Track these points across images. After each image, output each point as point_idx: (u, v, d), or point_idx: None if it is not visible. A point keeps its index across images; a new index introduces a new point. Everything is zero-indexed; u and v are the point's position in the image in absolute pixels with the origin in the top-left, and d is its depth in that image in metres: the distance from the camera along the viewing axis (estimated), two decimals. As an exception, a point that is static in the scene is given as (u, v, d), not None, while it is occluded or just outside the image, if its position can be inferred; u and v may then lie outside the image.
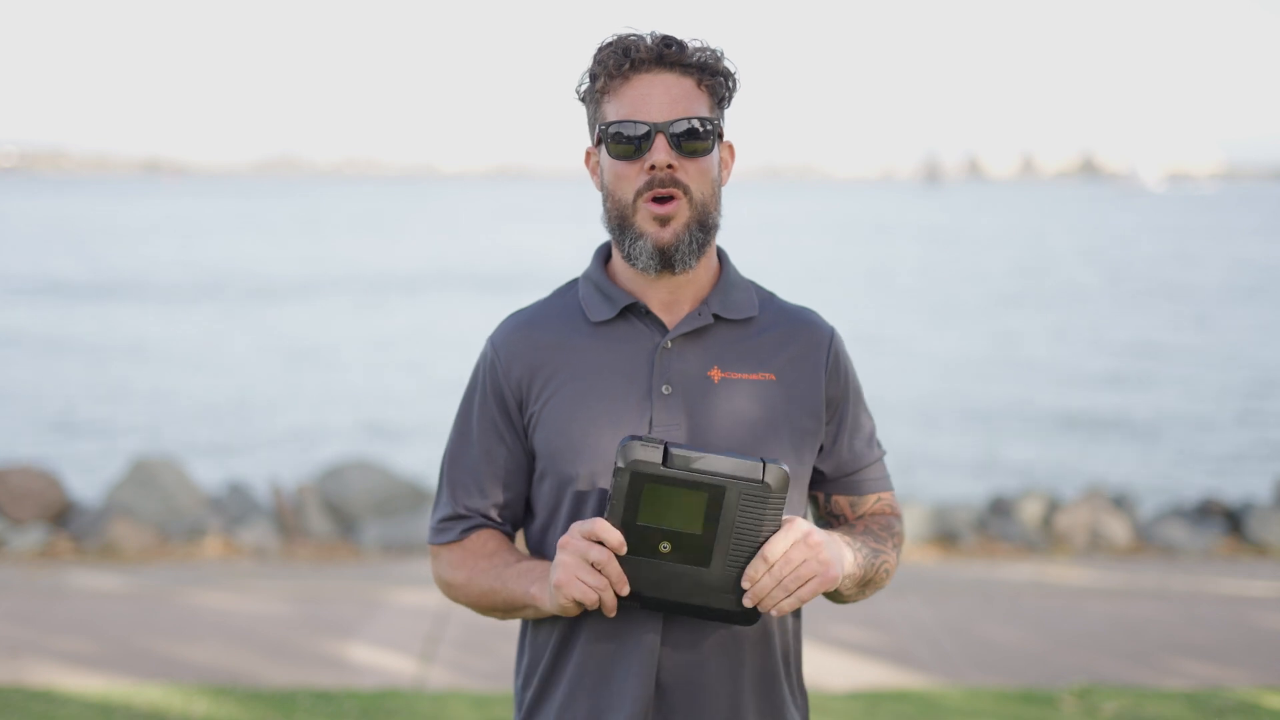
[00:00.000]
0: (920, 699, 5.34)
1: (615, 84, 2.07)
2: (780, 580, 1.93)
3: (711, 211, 2.09)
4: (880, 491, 2.23)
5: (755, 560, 1.92)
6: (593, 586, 1.93)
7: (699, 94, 2.07)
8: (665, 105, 2.05)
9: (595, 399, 2.10)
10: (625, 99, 2.06)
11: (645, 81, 2.06)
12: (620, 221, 2.08)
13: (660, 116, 2.04)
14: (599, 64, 2.08)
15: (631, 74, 2.06)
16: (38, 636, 6.07)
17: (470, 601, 2.19)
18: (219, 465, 13.19)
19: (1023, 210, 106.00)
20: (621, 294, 2.13)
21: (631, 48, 2.06)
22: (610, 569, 1.92)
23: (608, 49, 2.08)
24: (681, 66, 2.06)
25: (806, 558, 1.93)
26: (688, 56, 2.06)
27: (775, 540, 1.92)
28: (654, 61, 2.06)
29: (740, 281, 2.19)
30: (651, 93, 2.05)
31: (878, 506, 2.23)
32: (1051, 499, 8.86)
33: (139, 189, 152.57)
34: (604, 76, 2.08)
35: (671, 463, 1.86)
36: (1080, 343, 24.47)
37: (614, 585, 1.93)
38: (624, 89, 2.07)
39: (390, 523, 8.33)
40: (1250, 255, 50.77)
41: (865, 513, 2.23)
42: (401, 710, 5.19)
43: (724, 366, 2.12)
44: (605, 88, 2.08)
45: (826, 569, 1.95)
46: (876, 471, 2.23)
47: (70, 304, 29.98)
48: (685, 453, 1.86)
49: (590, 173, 2.17)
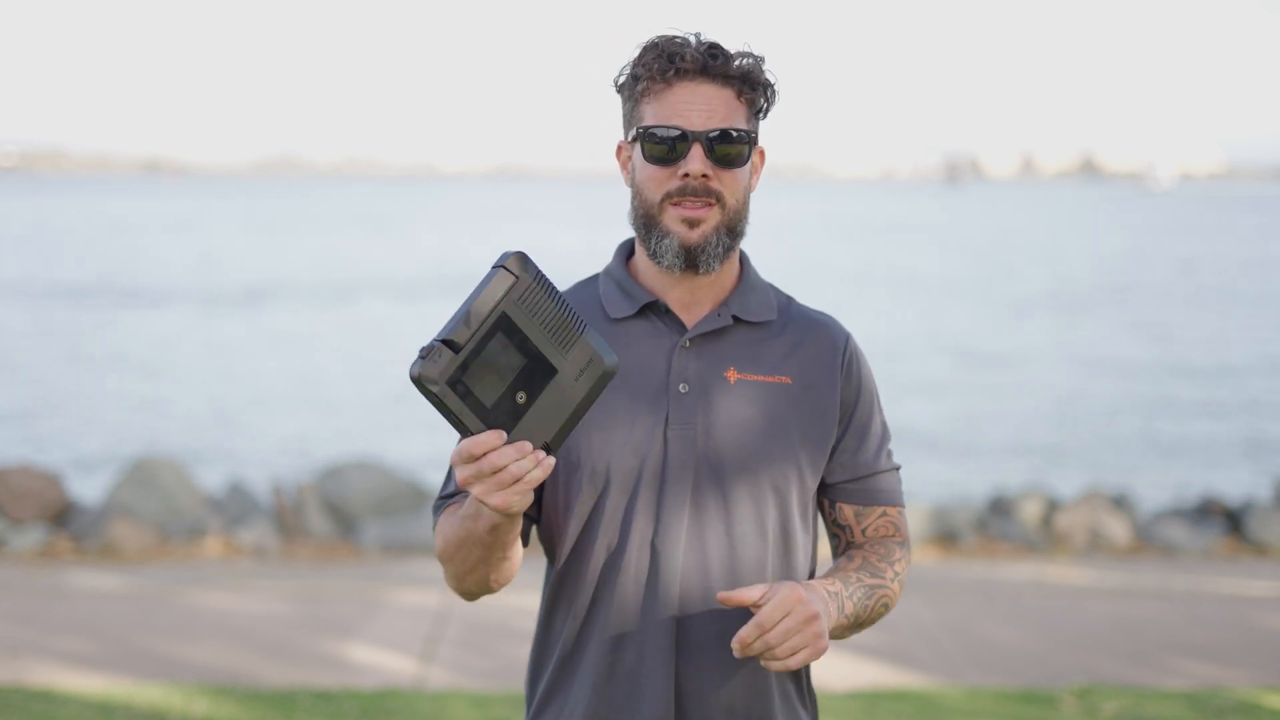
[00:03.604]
0: (920, 699, 5.34)
1: (657, 87, 2.08)
2: (771, 648, 1.93)
3: (741, 219, 2.11)
4: (888, 505, 2.21)
5: (749, 626, 1.92)
6: (511, 489, 1.81)
7: (738, 105, 2.09)
8: (704, 114, 2.06)
9: (612, 395, 2.10)
10: (665, 103, 2.07)
11: (687, 89, 2.07)
12: (647, 220, 2.10)
13: (699, 125, 2.06)
14: (643, 65, 2.09)
15: (674, 80, 2.07)
16: (38, 636, 6.07)
17: (454, 563, 2.07)
18: (219, 465, 13.19)
19: (1048, 211, 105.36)
20: (642, 291, 2.15)
21: (677, 55, 2.07)
22: (503, 459, 1.79)
23: (653, 51, 2.08)
24: (724, 77, 2.08)
25: (801, 630, 1.93)
26: (731, 68, 2.08)
27: (771, 608, 1.91)
28: (698, 71, 2.07)
29: (760, 284, 2.20)
30: (693, 100, 2.06)
31: (882, 523, 2.21)
32: (1051, 499, 8.86)
33: (139, 189, 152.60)
34: (646, 79, 2.09)
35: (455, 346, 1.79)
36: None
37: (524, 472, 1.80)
38: (665, 93, 2.08)
39: (390, 523, 8.33)
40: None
41: (870, 528, 2.21)
42: (401, 710, 5.19)
43: (740, 368, 2.13)
44: (647, 90, 2.09)
45: (817, 641, 1.95)
46: (886, 483, 2.22)
47: (70, 305, 29.99)
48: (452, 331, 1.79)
49: (620, 167, 2.18)
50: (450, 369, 1.79)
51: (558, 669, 2.15)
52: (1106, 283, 37.81)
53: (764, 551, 2.11)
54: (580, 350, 1.86)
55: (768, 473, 2.11)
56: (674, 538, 2.08)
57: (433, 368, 1.79)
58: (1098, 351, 23.46)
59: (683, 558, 2.08)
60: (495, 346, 1.81)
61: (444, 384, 1.79)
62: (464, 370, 1.80)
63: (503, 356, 1.82)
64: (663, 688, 2.07)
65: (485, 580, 2.06)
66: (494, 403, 1.83)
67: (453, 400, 1.81)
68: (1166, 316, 29.30)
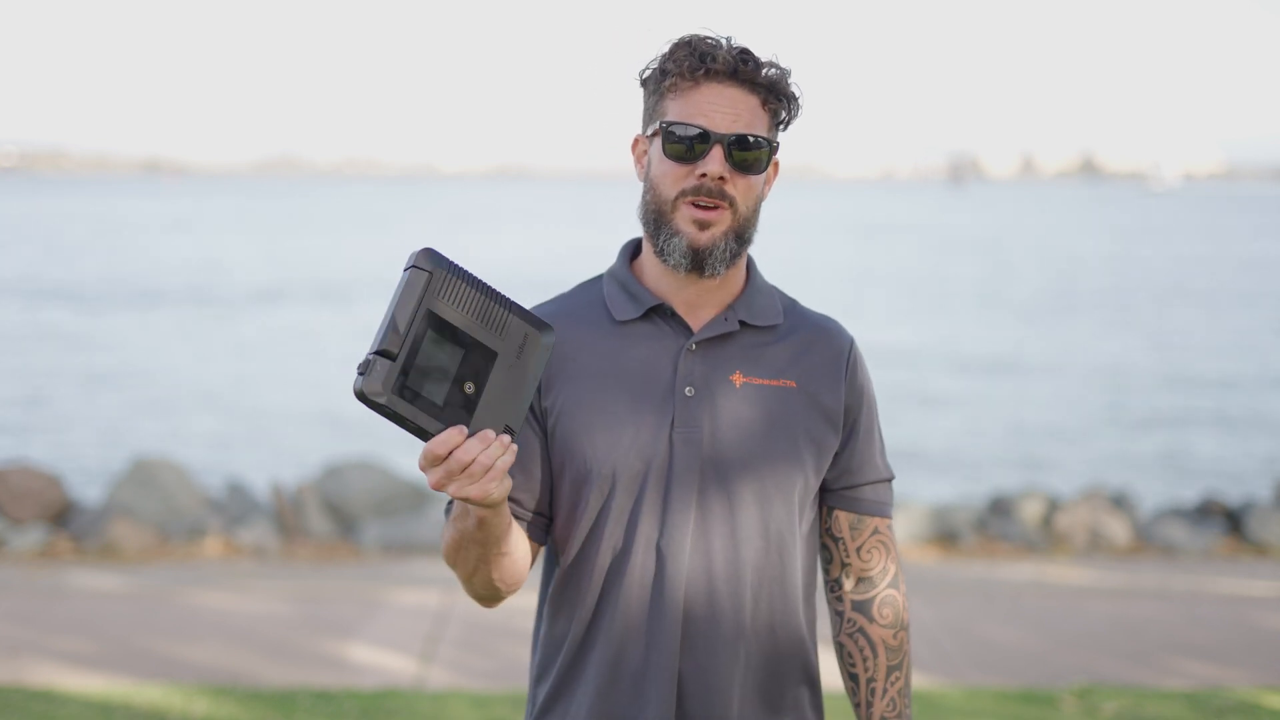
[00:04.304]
0: (920, 699, 5.34)
1: (684, 85, 2.09)
2: None
3: (750, 226, 2.12)
4: (880, 517, 2.23)
5: None
6: (485, 479, 1.81)
7: (762, 113, 2.09)
8: (728, 118, 2.07)
9: (617, 397, 2.10)
10: (691, 102, 2.08)
11: (714, 91, 2.08)
12: (658, 216, 2.10)
13: (721, 128, 2.06)
14: (673, 61, 2.09)
15: (703, 80, 2.08)
16: (38, 636, 6.07)
17: (458, 566, 2.07)
18: (219, 465, 13.19)
19: (1056, 211, 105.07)
20: (647, 294, 2.14)
21: (708, 55, 2.07)
22: (468, 454, 1.79)
23: (685, 48, 2.09)
24: (752, 84, 2.09)
25: None
26: (760, 75, 2.09)
27: None
28: (728, 74, 2.08)
29: (766, 288, 2.20)
30: (718, 102, 2.07)
31: (874, 541, 2.22)
32: (1051, 499, 8.86)
33: (139, 189, 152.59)
34: (675, 76, 2.09)
35: (390, 355, 1.77)
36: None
37: (493, 460, 1.81)
38: (692, 92, 2.08)
39: (390, 523, 8.33)
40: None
41: (863, 548, 2.22)
42: (401, 710, 5.19)
43: (746, 372, 2.13)
44: (674, 86, 2.09)
45: None
46: (881, 493, 2.23)
47: (70, 305, 29.99)
48: (384, 341, 1.77)
49: (635, 160, 2.18)
50: (392, 377, 1.77)
51: (563, 670, 2.14)
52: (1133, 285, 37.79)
53: (767, 554, 2.11)
54: (514, 328, 1.86)
55: (772, 476, 2.11)
56: (679, 541, 2.08)
57: (375, 381, 1.77)
58: (1113, 355, 23.46)
59: (688, 561, 2.08)
60: (429, 345, 1.80)
61: (390, 394, 1.77)
62: (405, 375, 1.78)
63: (440, 353, 1.81)
64: (667, 690, 2.07)
65: (490, 581, 2.05)
66: (444, 400, 1.81)
67: (404, 407, 1.79)
68: (1196, 318, 29.29)
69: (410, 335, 1.78)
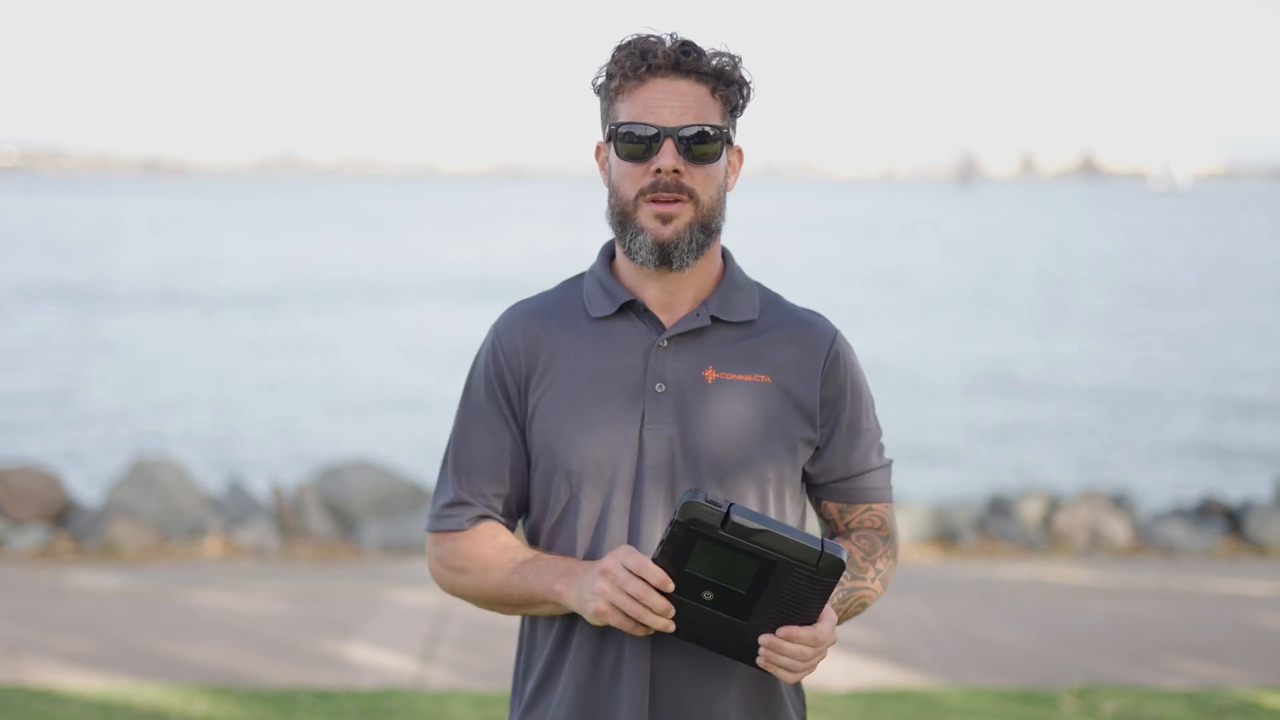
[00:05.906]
0: (920, 699, 5.34)
1: (630, 85, 2.09)
2: (793, 660, 1.97)
3: (715, 216, 2.12)
4: (872, 501, 2.23)
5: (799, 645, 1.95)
6: (630, 615, 1.97)
7: (711, 101, 2.10)
8: (677, 111, 2.07)
9: (590, 394, 2.12)
10: (638, 101, 2.08)
11: (659, 86, 2.08)
12: (622, 218, 2.11)
13: (670, 121, 2.07)
14: (616, 64, 2.11)
15: (647, 77, 2.09)
16: (38, 636, 6.07)
17: (477, 594, 2.17)
18: (219, 465, 13.19)
19: (1080, 211, 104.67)
20: (622, 291, 2.15)
21: (649, 51, 2.08)
22: (651, 601, 1.94)
23: (626, 49, 2.10)
24: (697, 74, 2.09)
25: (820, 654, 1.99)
26: (704, 64, 2.09)
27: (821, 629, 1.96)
28: (670, 68, 2.08)
29: (744, 283, 2.20)
30: (664, 98, 2.08)
31: (866, 517, 2.22)
32: (1051, 498, 8.86)
33: (139, 189, 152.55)
34: (620, 77, 2.10)
35: (730, 529, 1.87)
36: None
37: (651, 615, 1.95)
38: (638, 91, 2.09)
39: (390, 523, 8.33)
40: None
41: (854, 520, 2.22)
42: (401, 710, 5.19)
43: (719, 367, 2.13)
44: (620, 88, 2.10)
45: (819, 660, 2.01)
46: (874, 481, 2.23)
47: (71, 304, 29.98)
48: (745, 521, 1.87)
49: (599, 167, 2.19)
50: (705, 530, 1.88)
51: (545, 669, 2.17)
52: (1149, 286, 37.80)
53: None
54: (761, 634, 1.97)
55: (746, 472, 2.11)
56: (650, 537, 2.09)
57: (699, 512, 1.87)
58: (1113, 354, 23.47)
59: None
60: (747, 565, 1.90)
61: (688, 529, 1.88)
62: (712, 542, 1.89)
63: (740, 572, 1.90)
64: (640, 687, 2.08)
65: (485, 608, 2.20)
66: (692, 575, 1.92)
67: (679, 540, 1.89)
68: (1198, 318, 29.30)
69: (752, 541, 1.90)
